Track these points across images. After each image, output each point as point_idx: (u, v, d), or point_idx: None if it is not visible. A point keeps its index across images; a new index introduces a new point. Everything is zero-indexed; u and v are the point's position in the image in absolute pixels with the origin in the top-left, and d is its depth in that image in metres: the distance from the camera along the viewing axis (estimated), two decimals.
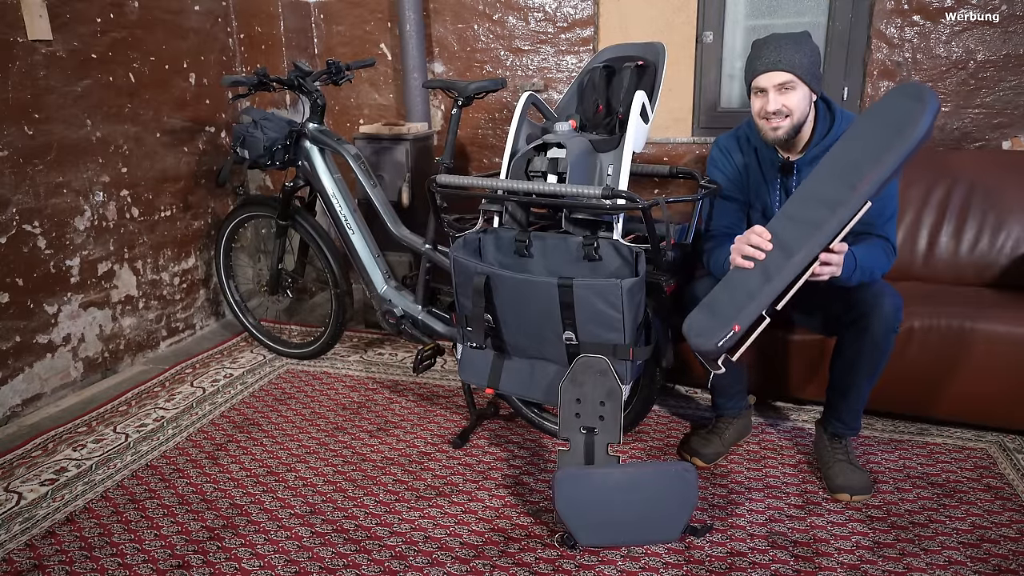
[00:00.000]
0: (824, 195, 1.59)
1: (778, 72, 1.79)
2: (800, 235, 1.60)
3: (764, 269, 1.63)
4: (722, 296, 1.69)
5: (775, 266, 1.61)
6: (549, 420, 2.26)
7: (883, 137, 1.54)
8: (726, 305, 1.65)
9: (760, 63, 1.81)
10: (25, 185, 2.40)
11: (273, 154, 2.57)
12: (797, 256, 1.59)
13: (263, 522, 1.85)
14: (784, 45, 1.80)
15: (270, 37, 3.26)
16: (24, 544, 1.77)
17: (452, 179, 2.01)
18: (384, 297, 2.60)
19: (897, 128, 1.52)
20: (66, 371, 2.61)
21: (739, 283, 1.67)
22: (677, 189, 3.04)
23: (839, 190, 1.57)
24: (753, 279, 1.63)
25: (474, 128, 3.30)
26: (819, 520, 1.82)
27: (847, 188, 1.55)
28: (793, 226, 1.63)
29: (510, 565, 1.68)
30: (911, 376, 2.10)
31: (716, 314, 1.66)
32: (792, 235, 1.62)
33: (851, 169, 1.57)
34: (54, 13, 2.44)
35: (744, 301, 1.62)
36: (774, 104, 1.81)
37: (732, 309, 1.63)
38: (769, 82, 1.81)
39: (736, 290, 1.66)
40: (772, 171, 1.96)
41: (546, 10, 3.08)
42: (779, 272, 1.60)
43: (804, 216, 1.62)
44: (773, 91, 1.81)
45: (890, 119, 1.55)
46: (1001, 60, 2.62)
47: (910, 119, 1.51)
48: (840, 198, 1.56)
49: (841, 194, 1.56)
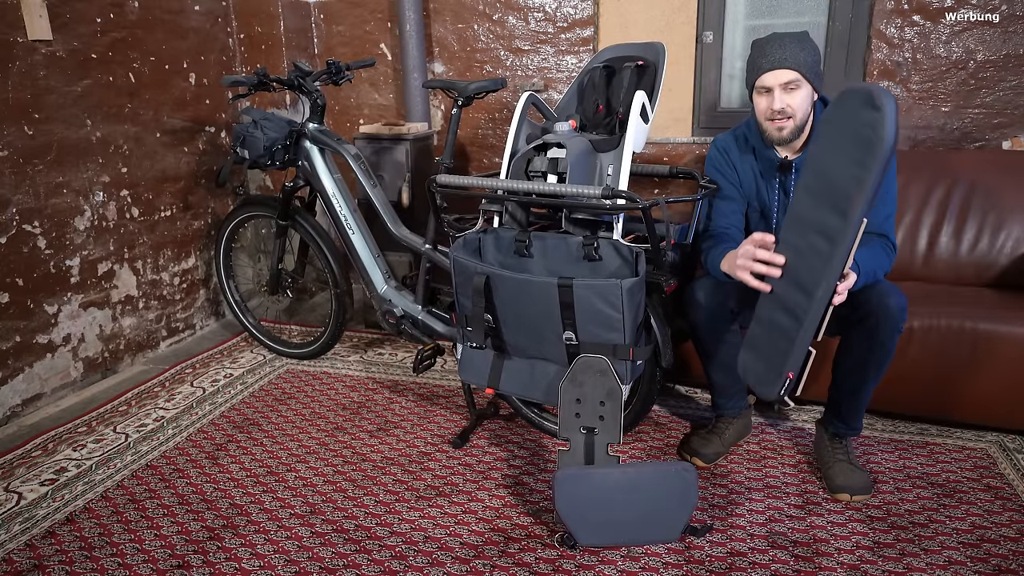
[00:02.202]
0: (819, 223, 1.56)
1: (784, 70, 1.78)
2: (812, 270, 1.57)
3: (791, 312, 1.60)
4: (762, 337, 1.68)
5: (801, 308, 1.58)
6: (549, 420, 2.26)
7: (854, 155, 1.50)
8: (770, 349, 1.65)
9: (765, 61, 1.80)
10: (25, 185, 2.40)
11: (273, 154, 2.57)
12: (818, 293, 1.56)
13: (263, 522, 1.85)
14: (788, 43, 1.79)
15: (270, 37, 3.26)
16: (24, 544, 1.77)
17: (452, 179, 2.01)
18: (384, 297, 2.60)
19: (865, 144, 1.47)
20: (66, 371, 2.61)
21: (773, 324, 1.64)
22: (677, 189, 3.04)
23: (831, 218, 1.53)
24: (785, 321, 1.61)
25: (474, 128, 3.30)
26: (819, 520, 1.82)
27: (839, 216, 1.51)
28: (802, 261, 1.59)
29: (510, 565, 1.68)
30: (911, 376, 2.10)
31: (763, 358, 1.67)
32: (805, 271, 1.58)
33: (836, 194, 1.52)
34: (54, 13, 2.44)
35: (786, 347, 1.61)
36: (780, 102, 1.80)
37: (778, 356, 1.63)
38: (775, 80, 1.80)
39: (773, 332, 1.64)
40: (770, 170, 1.96)
41: (546, 10, 3.08)
42: (807, 314, 1.57)
43: (809, 247, 1.58)
44: (779, 90, 1.80)
45: (854, 133, 1.50)
46: (1001, 60, 2.62)
47: (874, 132, 1.45)
48: (836, 227, 1.52)
49: (835, 223, 1.52)
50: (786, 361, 1.61)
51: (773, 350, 1.64)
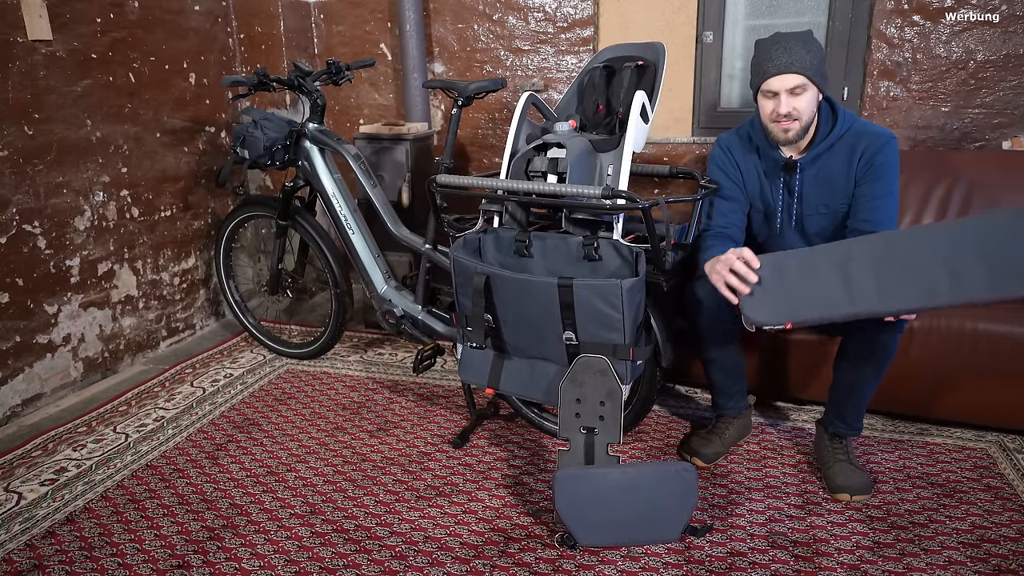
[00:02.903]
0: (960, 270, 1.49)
1: (791, 75, 1.76)
2: (907, 291, 1.53)
3: (851, 291, 1.57)
4: (797, 284, 1.63)
5: (863, 296, 1.55)
6: (549, 420, 2.26)
7: None
8: (796, 297, 1.62)
9: (772, 65, 1.78)
10: (25, 185, 2.40)
11: (273, 154, 2.57)
12: (892, 307, 1.55)
13: (263, 522, 1.85)
14: (793, 46, 1.77)
15: (270, 37, 3.26)
16: (24, 544, 1.77)
17: (452, 179, 2.01)
18: (384, 297, 2.60)
19: None
20: (66, 371, 2.61)
21: (821, 284, 1.60)
22: (677, 189, 3.04)
23: (978, 275, 1.47)
24: (836, 290, 1.58)
25: (474, 128, 3.30)
26: (819, 520, 1.82)
27: (983, 287, 1.46)
28: (904, 277, 1.54)
29: (510, 565, 1.68)
30: (911, 376, 2.10)
31: (780, 299, 1.64)
32: (898, 286, 1.54)
33: (1002, 267, 1.46)
34: (54, 13, 2.44)
35: (817, 305, 1.59)
36: (786, 106, 1.79)
37: (802, 306, 1.60)
38: (781, 85, 1.78)
39: (812, 290, 1.61)
40: (775, 170, 1.96)
41: (546, 10, 3.08)
42: (863, 301, 1.55)
43: (927, 275, 1.52)
44: (785, 94, 1.79)
45: None
46: (1001, 60, 2.62)
47: None
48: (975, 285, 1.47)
49: (978, 284, 1.47)
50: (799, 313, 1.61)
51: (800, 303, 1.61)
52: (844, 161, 1.87)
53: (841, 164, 1.87)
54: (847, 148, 1.86)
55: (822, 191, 1.91)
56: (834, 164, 1.88)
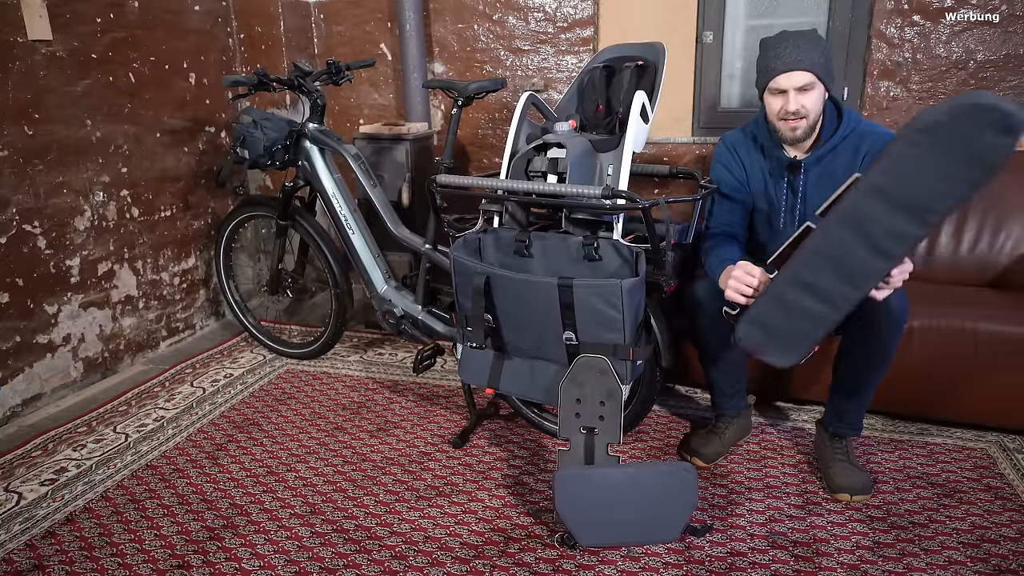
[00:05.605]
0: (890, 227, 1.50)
1: (799, 72, 1.77)
2: (866, 266, 1.55)
3: (829, 301, 1.58)
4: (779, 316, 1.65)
5: (843, 299, 1.57)
6: (549, 420, 2.26)
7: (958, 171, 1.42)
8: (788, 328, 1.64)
9: (780, 62, 1.78)
10: (25, 185, 2.40)
11: (273, 154, 2.57)
12: (867, 287, 1.56)
13: (263, 522, 1.85)
14: (802, 43, 1.77)
15: (270, 37, 3.26)
16: (24, 544, 1.77)
17: (452, 179, 2.01)
18: (384, 297, 2.60)
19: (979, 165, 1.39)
20: (66, 371, 2.61)
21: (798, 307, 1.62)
22: (677, 189, 3.04)
23: (907, 225, 1.48)
24: (817, 308, 1.60)
25: (474, 128, 3.30)
26: (819, 520, 1.82)
27: (917, 225, 1.47)
28: (854, 255, 1.56)
29: (510, 565, 1.68)
30: (911, 376, 2.10)
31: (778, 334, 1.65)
32: (857, 266, 1.56)
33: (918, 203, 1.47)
34: (54, 13, 2.44)
35: (811, 329, 1.61)
36: (794, 104, 1.79)
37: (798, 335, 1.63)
38: (790, 83, 1.78)
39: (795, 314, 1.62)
40: (779, 170, 1.95)
41: (546, 10, 3.08)
42: (848, 304, 1.57)
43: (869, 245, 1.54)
44: (793, 91, 1.79)
45: (968, 151, 1.41)
46: (1001, 60, 2.62)
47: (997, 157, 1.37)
48: (911, 233, 1.49)
49: (911, 230, 1.48)
50: (808, 340, 1.62)
51: (793, 329, 1.63)
52: (848, 161, 1.86)
53: (845, 164, 1.87)
54: (851, 148, 1.86)
55: (826, 191, 1.90)
56: (838, 164, 1.88)
